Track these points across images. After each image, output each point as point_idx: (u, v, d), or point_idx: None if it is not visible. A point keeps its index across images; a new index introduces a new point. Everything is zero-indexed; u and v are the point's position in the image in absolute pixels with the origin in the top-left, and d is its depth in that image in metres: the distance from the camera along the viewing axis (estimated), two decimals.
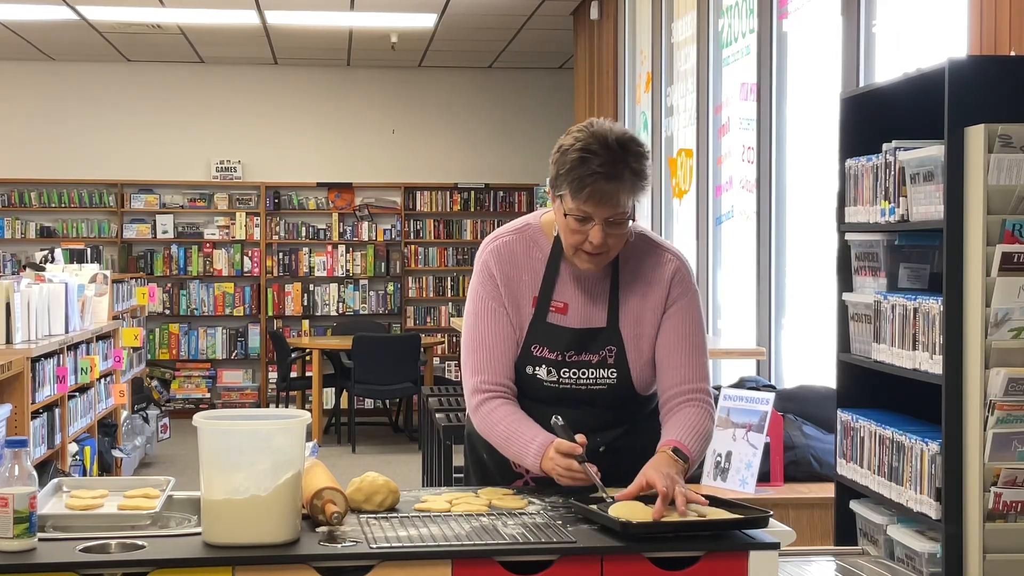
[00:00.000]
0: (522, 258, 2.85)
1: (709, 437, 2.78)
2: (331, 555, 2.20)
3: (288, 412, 2.41)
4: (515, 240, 2.87)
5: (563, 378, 2.82)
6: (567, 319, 2.82)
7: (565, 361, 2.81)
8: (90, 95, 12.26)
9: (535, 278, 2.84)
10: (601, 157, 2.63)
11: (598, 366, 2.81)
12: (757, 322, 5.92)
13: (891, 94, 3.39)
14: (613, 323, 2.82)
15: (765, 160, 5.86)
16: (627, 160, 2.65)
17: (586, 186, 2.64)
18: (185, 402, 12.17)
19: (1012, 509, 2.84)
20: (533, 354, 2.82)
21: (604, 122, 2.73)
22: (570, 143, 2.69)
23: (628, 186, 2.65)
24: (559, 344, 2.81)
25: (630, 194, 2.67)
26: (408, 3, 9.72)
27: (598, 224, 2.67)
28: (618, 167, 2.64)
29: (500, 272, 2.84)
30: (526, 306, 2.84)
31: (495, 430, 2.78)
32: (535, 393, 2.84)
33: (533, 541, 2.28)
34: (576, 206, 2.67)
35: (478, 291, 2.87)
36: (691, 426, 2.73)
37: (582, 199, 2.65)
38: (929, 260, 3.30)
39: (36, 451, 5.83)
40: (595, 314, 2.82)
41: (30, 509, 2.18)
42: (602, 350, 2.81)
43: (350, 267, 12.57)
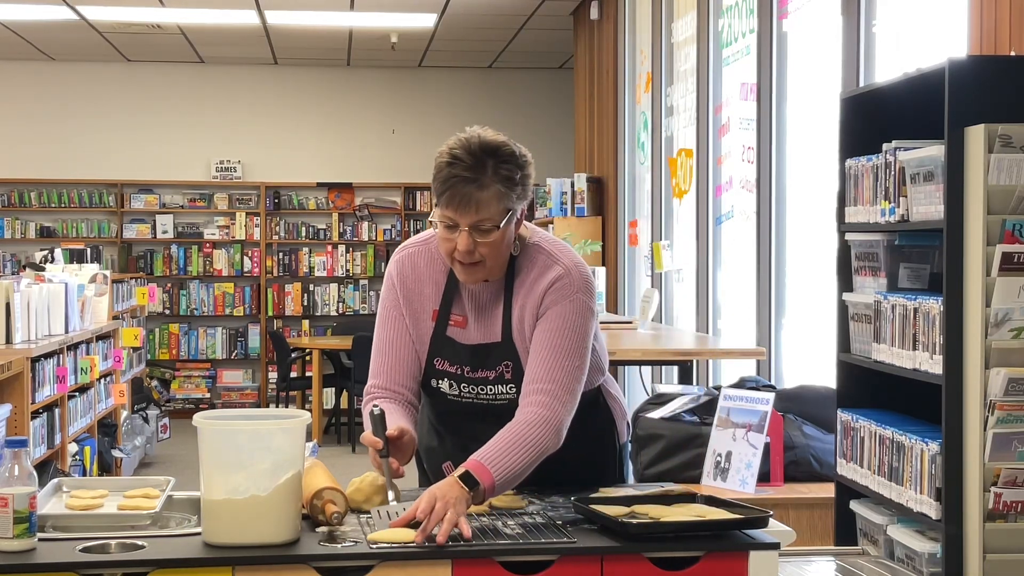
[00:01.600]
0: (425, 270, 2.83)
1: (535, 446, 2.56)
2: (331, 555, 2.21)
3: (288, 412, 2.41)
4: (419, 252, 2.85)
5: (464, 393, 2.80)
6: (466, 333, 2.78)
7: (464, 376, 2.79)
8: (90, 95, 12.26)
9: (437, 291, 2.81)
10: (464, 162, 2.60)
11: (495, 382, 2.78)
12: (757, 322, 5.92)
13: (891, 94, 3.39)
14: (507, 337, 2.76)
15: (765, 160, 5.86)
16: (493, 165, 2.60)
17: (446, 190, 2.61)
18: (185, 402, 12.17)
19: (1012, 509, 2.84)
20: (436, 367, 2.81)
21: (477, 129, 2.68)
22: (441, 151, 2.65)
23: (492, 192, 2.60)
24: (457, 359, 2.79)
25: (497, 200, 2.60)
26: (408, 3, 9.72)
27: (464, 231, 2.62)
28: (480, 172, 2.59)
29: (401, 283, 2.83)
30: (427, 319, 2.81)
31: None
32: (443, 407, 2.84)
33: (533, 541, 2.28)
34: (440, 212, 2.64)
35: (383, 299, 2.87)
36: (507, 441, 2.56)
37: (443, 203, 2.62)
38: (929, 260, 3.30)
39: (36, 451, 5.83)
40: (491, 329, 2.78)
41: (30, 509, 2.18)
42: (498, 366, 2.77)
43: (350, 267, 12.57)
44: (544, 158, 12.23)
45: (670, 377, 7.13)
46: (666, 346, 5.65)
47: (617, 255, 8.88)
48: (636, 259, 8.65)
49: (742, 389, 4.29)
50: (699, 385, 5.79)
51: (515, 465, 2.52)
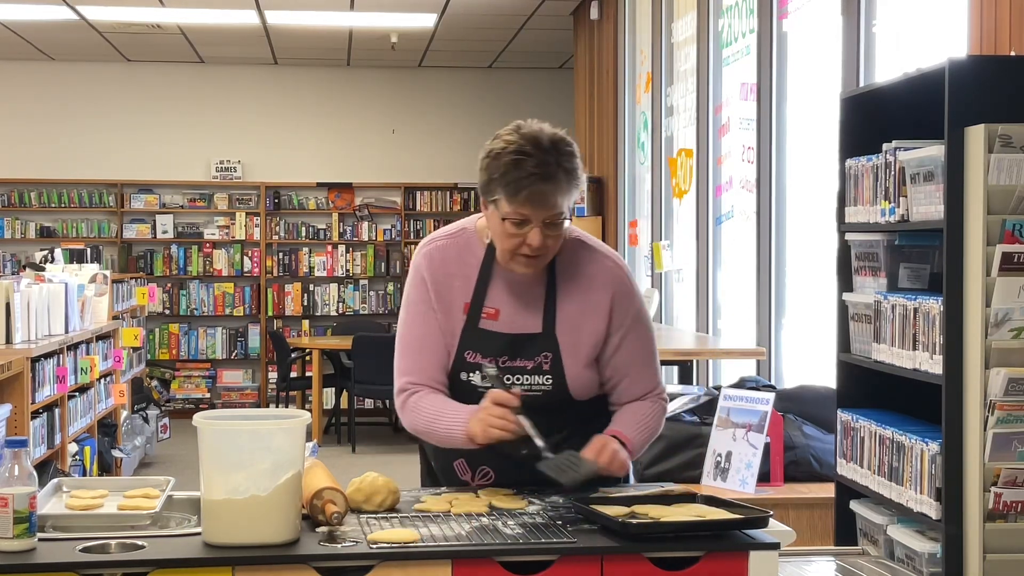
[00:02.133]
0: (455, 263, 2.82)
1: (655, 431, 2.85)
2: (331, 555, 2.20)
3: (288, 412, 2.41)
4: (449, 244, 2.84)
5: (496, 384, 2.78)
6: (499, 324, 2.79)
7: (499, 366, 2.78)
8: (90, 95, 12.26)
9: (467, 284, 2.80)
10: (535, 158, 2.62)
11: (533, 372, 2.78)
12: (757, 322, 5.92)
13: (891, 94, 3.39)
14: (549, 329, 2.78)
15: (765, 160, 5.86)
16: (560, 160, 2.64)
17: (523, 188, 2.61)
18: (185, 402, 12.18)
19: (1012, 509, 2.84)
20: (467, 360, 2.79)
21: (533, 123, 2.71)
22: (501, 147, 2.66)
23: (563, 186, 2.64)
24: (492, 350, 2.78)
25: (565, 194, 2.65)
26: (408, 3, 9.72)
27: (536, 226, 2.64)
28: (552, 168, 2.62)
29: (431, 276, 2.81)
30: (458, 312, 2.80)
31: (421, 416, 2.75)
32: (471, 399, 2.80)
33: (533, 541, 2.28)
34: (513, 209, 2.64)
35: (410, 295, 2.85)
36: (638, 419, 2.80)
37: (519, 202, 2.62)
38: (929, 260, 3.30)
39: (36, 451, 5.83)
40: (529, 320, 2.78)
41: (30, 509, 2.18)
42: (537, 356, 2.77)
43: (350, 267, 12.57)
44: None
45: (670, 377, 7.13)
46: (666, 346, 5.65)
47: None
48: (636, 259, 8.65)
49: (742, 389, 4.29)
50: (699, 385, 5.79)
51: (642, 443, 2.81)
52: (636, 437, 2.77)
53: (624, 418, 2.81)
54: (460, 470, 2.84)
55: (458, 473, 2.86)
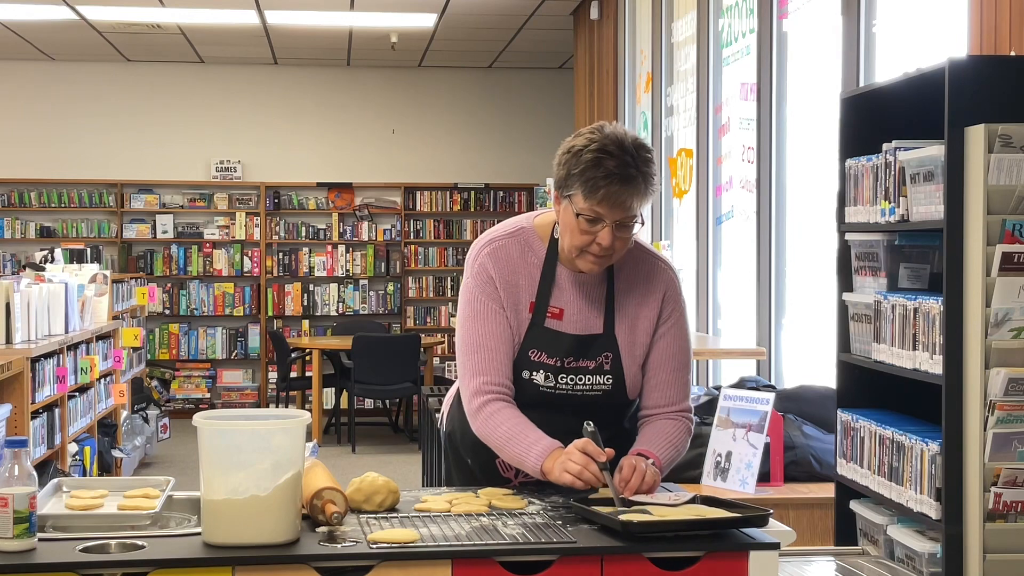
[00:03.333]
0: (518, 261, 2.83)
1: (681, 450, 2.83)
2: (331, 555, 2.20)
3: (288, 412, 2.41)
4: (511, 243, 2.85)
5: (560, 384, 2.81)
6: (563, 324, 2.81)
7: (564, 367, 2.80)
8: (90, 95, 12.26)
9: (531, 283, 2.82)
10: (617, 159, 2.65)
11: (595, 372, 2.81)
12: (757, 322, 5.92)
13: (891, 94, 3.39)
14: (609, 329, 2.81)
15: (765, 160, 5.86)
16: (639, 164, 2.67)
17: (601, 187, 2.64)
18: (185, 402, 12.18)
19: (1012, 509, 2.84)
20: (531, 359, 2.81)
21: (617, 126, 2.75)
22: (584, 144, 2.69)
23: (641, 190, 2.67)
24: (558, 350, 2.80)
25: (642, 198, 2.68)
26: (408, 3, 9.72)
27: (608, 226, 2.67)
28: (631, 170, 2.65)
29: (498, 274, 2.82)
30: (523, 310, 2.82)
31: (497, 431, 2.75)
32: (529, 398, 2.82)
33: (533, 541, 2.28)
34: (589, 207, 2.66)
35: (475, 292, 2.83)
36: (664, 437, 2.79)
37: (596, 200, 2.65)
38: (929, 260, 3.30)
39: (36, 451, 5.83)
40: (592, 320, 2.82)
41: (30, 509, 2.18)
42: (599, 356, 2.81)
43: (350, 267, 12.57)
44: (544, 158, 12.22)
45: None
46: None
47: None
48: None
49: (742, 389, 4.29)
50: (699, 385, 5.79)
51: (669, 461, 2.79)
52: (662, 453, 2.76)
53: (648, 436, 2.80)
54: (502, 468, 2.85)
55: (500, 471, 2.86)
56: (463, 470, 2.99)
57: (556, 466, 2.62)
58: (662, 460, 2.74)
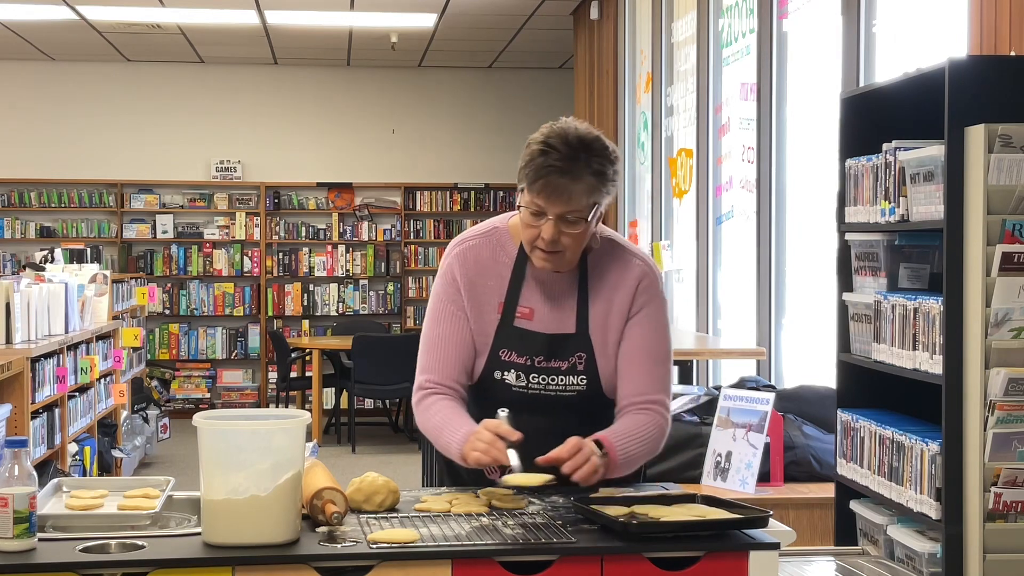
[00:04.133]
0: (488, 262, 2.83)
1: (650, 444, 2.74)
2: (331, 555, 2.20)
3: (288, 412, 2.41)
4: (481, 244, 2.85)
5: (532, 383, 2.79)
6: (534, 324, 2.79)
7: (534, 367, 2.78)
8: (90, 95, 12.27)
9: (501, 283, 2.81)
10: (559, 152, 2.62)
11: (568, 373, 2.78)
12: (757, 322, 5.92)
13: (891, 94, 3.39)
14: (583, 329, 2.79)
15: (765, 160, 5.86)
16: (587, 159, 2.63)
17: (540, 178, 2.63)
18: (185, 402, 12.18)
19: (1012, 509, 2.84)
20: (501, 359, 2.80)
21: (572, 121, 2.72)
22: (535, 137, 2.68)
23: (585, 185, 2.63)
24: (528, 349, 2.78)
25: (587, 194, 2.64)
26: (408, 3, 9.72)
27: (551, 219, 2.64)
28: (575, 164, 2.62)
29: (464, 277, 2.82)
30: (491, 311, 2.81)
31: (430, 421, 2.75)
32: (503, 399, 2.81)
33: (533, 541, 2.28)
34: (531, 199, 2.66)
35: (439, 293, 2.85)
36: (629, 429, 2.71)
37: (535, 191, 2.64)
38: (929, 260, 3.30)
39: (36, 451, 5.83)
40: (564, 320, 2.79)
41: (30, 509, 2.18)
42: (571, 356, 2.78)
43: (350, 267, 12.57)
44: None
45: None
46: None
47: None
48: None
49: (742, 389, 4.29)
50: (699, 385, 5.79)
51: (633, 453, 2.69)
52: (621, 446, 2.67)
53: (616, 427, 2.73)
54: (488, 469, 2.84)
55: (486, 472, 2.84)
56: (452, 472, 2.98)
57: (466, 447, 2.61)
58: (619, 452, 2.65)
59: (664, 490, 2.72)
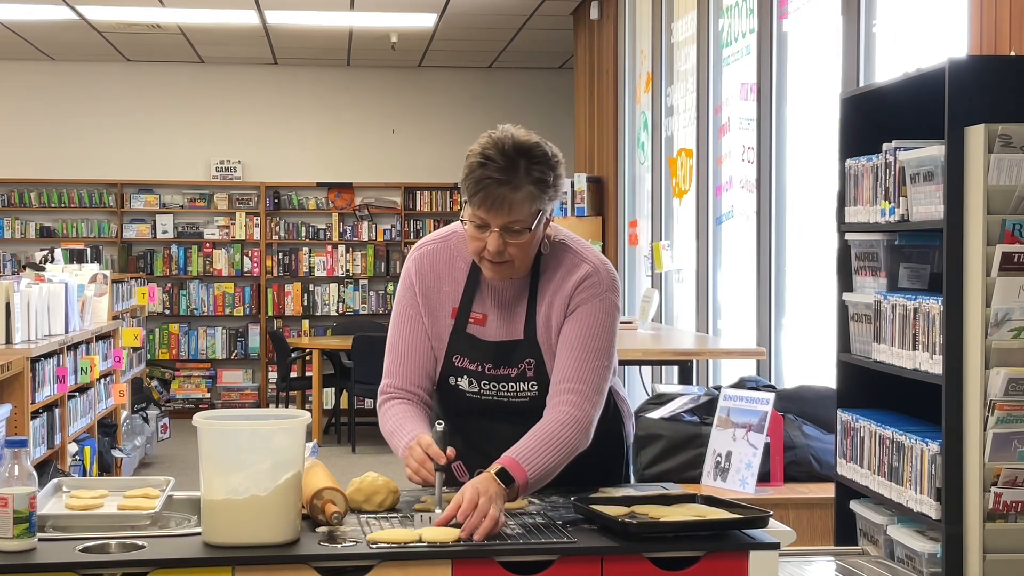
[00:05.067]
0: (444, 268, 2.82)
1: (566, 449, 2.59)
2: (331, 555, 2.21)
3: (288, 412, 2.41)
4: (439, 248, 2.85)
5: (484, 390, 2.78)
6: (486, 331, 2.77)
7: (485, 373, 2.77)
8: (90, 95, 12.26)
9: (456, 288, 2.80)
10: (497, 163, 2.60)
11: (517, 379, 2.76)
12: (757, 322, 5.92)
13: (891, 94, 3.39)
14: (531, 335, 2.76)
15: (765, 160, 5.86)
16: (526, 166, 2.60)
17: (479, 191, 2.61)
18: (185, 402, 12.17)
19: (1012, 509, 2.84)
20: (455, 364, 2.79)
21: (510, 128, 2.69)
22: (473, 149, 2.68)
23: (525, 193, 2.60)
24: (479, 355, 2.77)
25: (529, 202, 2.60)
26: (408, 3, 9.72)
27: (495, 231, 2.62)
28: (513, 174, 2.59)
29: (420, 281, 2.82)
30: (445, 316, 2.79)
31: (385, 427, 2.75)
32: (459, 405, 2.81)
33: (533, 541, 2.28)
34: (472, 212, 2.64)
35: (399, 298, 2.85)
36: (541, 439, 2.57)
37: (476, 204, 2.63)
38: (929, 260, 3.30)
39: (36, 451, 5.83)
40: (513, 326, 2.77)
41: (30, 509, 2.18)
42: (521, 363, 2.75)
43: (350, 267, 12.57)
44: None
45: (670, 377, 7.13)
46: (666, 346, 5.66)
47: (617, 255, 8.88)
48: (636, 259, 8.65)
49: (742, 389, 4.29)
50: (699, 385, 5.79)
51: (547, 463, 2.55)
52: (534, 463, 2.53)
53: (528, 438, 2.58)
54: (458, 472, 2.83)
55: (456, 475, 2.84)
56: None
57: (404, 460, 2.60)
58: (530, 473, 2.51)
59: (664, 490, 2.72)
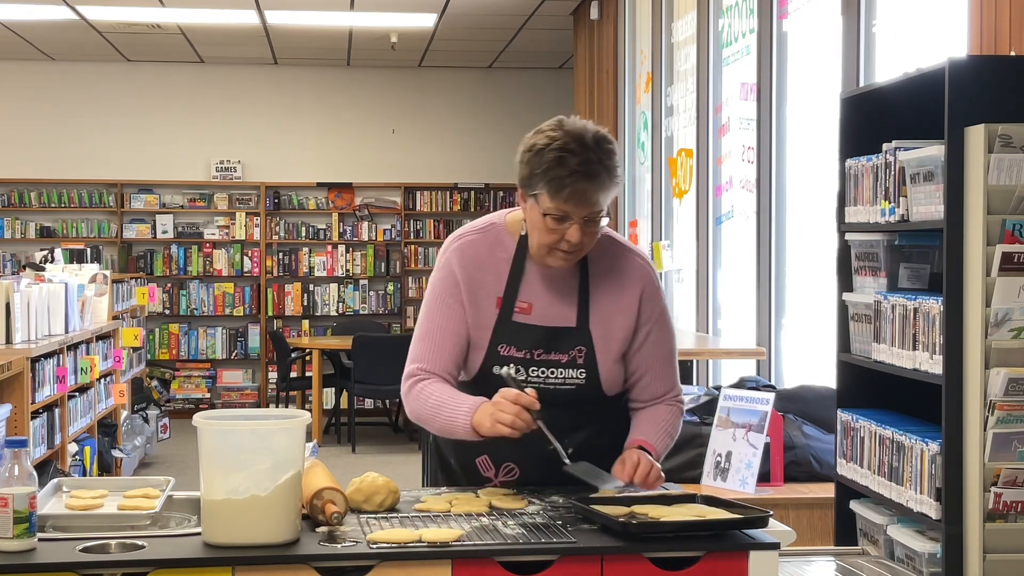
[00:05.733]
0: (486, 258, 2.83)
1: (675, 436, 2.88)
2: (331, 555, 2.20)
3: (288, 412, 2.41)
4: (480, 239, 2.85)
5: (531, 377, 2.79)
6: (532, 318, 2.80)
7: (533, 360, 2.78)
8: (90, 95, 12.26)
9: (499, 278, 2.81)
10: (579, 156, 2.63)
11: (567, 366, 2.79)
12: (757, 322, 5.92)
13: (891, 94, 3.39)
14: (583, 323, 2.80)
15: (765, 160, 5.86)
16: (606, 160, 2.66)
17: (566, 186, 2.62)
18: (185, 402, 12.18)
19: (1012, 509, 2.84)
20: (500, 354, 2.79)
21: (576, 120, 2.72)
22: (545, 142, 2.67)
23: (605, 184, 2.66)
24: (527, 343, 2.78)
25: (606, 192, 2.67)
26: (408, 3, 9.72)
27: (576, 223, 2.66)
28: (595, 166, 2.64)
29: (463, 271, 2.81)
30: (489, 306, 2.80)
31: (426, 404, 2.73)
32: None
33: (533, 541, 2.28)
34: (555, 206, 2.65)
35: (436, 287, 2.84)
36: (660, 424, 2.83)
37: (562, 199, 2.63)
38: (929, 260, 3.30)
39: (36, 451, 5.83)
40: (563, 313, 2.80)
41: (30, 509, 2.18)
42: (571, 350, 2.79)
43: (350, 267, 12.57)
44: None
45: None
46: None
47: None
48: None
49: (742, 389, 4.29)
50: (699, 385, 5.79)
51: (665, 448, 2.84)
52: (659, 444, 2.81)
53: (645, 426, 2.83)
54: (483, 467, 2.83)
55: (481, 470, 2.84)
56: (447, 471, 2.97)
57: (487, 418, 2.59)
58: (659, 450, 2.80)
59: (664, 490, 2.72)
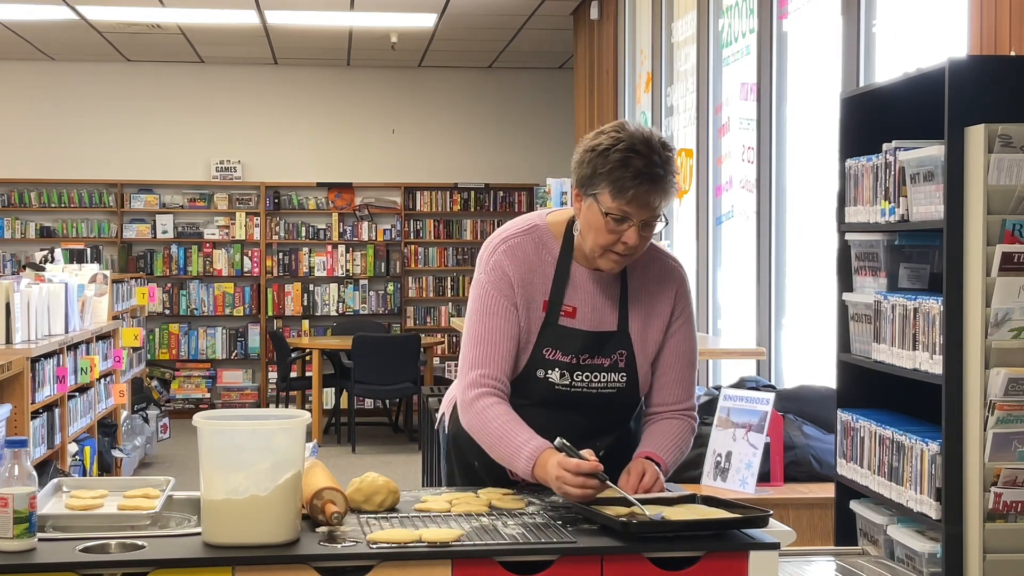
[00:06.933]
0: (533, 259, 2.82)
1: (685, 450, 2.85)
2: (331, 555, 2.20)
3: (288, 412, 2.41)
4: (526, 240, 2.84)
5: (575, 381, 2.80)
6: (577, 322, 2.81)
7: (579, 364, 2.80)
8: (90, 95, 12.26)
9: (545, 281, 2.81)
10: (645, 159, 2.63)
11: (610, 370, 2.81)
12: (757, 322, 5.92)
13: (891, 94, 3.39)
14: (623, 327, 2.82)
15: (765, 160, 5.86)
16: (665, 164, 2.67)
17: (630, 188, 2.62)
18: (185, 402, 12.18)
19: (1012, 509, 2.84)
20: (545, 357, 2.80)
21: (640, 124, 2.73)
22: (610, 143, 2.66)
23: (667, 189, 2.67)
24: (572, 347, 2.79)
25: (667, 197, 2.68)
26: (408, 3, 9.72)
27: (635, 225, 2.67)
28: (665, 168, 2.66)
29: (514, 272, 2.80)
30: (537, 308, 2.81)
31: (488, 427, 2.72)
32: (544, 397, 2.81)
33: (533, 541, 2.28)
34: (617, 206, 2.65)
35: (487, 288, 2.81)
36: (670, 438, 2.81)
37: (625, 200, 2.64)
38: (929, 260, 3.30)
39: (36, 451, 5.83)
40: (606, 317, 2.82)
41: (30, 509, 2.18)
42: (613, 353, 2.81)
43: (350, 267, 12.57)
44: (544, 158, 12.22)
45: None
46: None
47: None
48: None
49: (742, 389, 4.29)
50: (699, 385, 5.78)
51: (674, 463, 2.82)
52: (668, 456, 2.79)
53: (656, 438, 2.82)
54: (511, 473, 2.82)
55: (508, 473, 2.82)
56: (468, 473, 2.95)
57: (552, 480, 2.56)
58: (668, 463, 2.77)
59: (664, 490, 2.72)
